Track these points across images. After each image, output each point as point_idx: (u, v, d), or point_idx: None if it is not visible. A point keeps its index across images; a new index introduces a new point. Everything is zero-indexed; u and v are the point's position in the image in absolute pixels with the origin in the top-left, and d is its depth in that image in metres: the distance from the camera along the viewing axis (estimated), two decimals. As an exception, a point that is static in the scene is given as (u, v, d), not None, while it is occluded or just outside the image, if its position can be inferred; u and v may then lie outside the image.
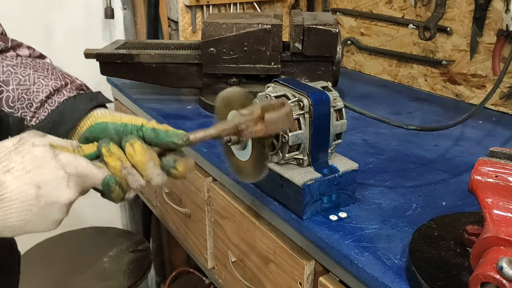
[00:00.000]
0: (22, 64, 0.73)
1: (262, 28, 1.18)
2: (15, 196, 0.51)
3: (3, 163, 0.51)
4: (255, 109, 0.65)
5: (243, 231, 0.99)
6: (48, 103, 0.70)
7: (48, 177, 0.53)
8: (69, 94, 0.71)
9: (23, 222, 0.52)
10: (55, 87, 0.71)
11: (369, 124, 1.17)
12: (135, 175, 0.59)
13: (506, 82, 1.24)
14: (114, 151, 0.58)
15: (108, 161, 0.58)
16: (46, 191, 0.52)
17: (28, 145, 0.53)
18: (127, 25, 1.90)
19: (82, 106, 0.68)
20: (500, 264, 0.51)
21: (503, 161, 0.59)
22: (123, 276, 1.58)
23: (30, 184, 0.52)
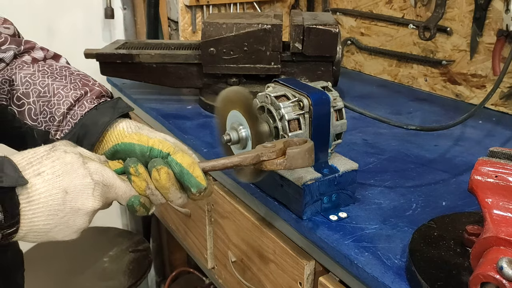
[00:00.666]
0: (39, 73, 0.74)
1: (262, 28, 1.18)
2: (43, 199, 0.52)
3: (34, 167, 0.53)
4: (277, 143, 0.67)
5: (243, 231, 0.99)
6: (71, 115, 0.70)
7: (76, 182, 0.54)
8: (90, 105, 0.71)
9: (48, 227, 0.54)
10: (75, 97, 0.71)
11: (369, 124, 1.17)
12: (157, 196, 0.61)
13: (506, 82, 1.24)
14: (141, 172, 0.60)
15: (135, 180, 0.60)
16: (73, 197, 0.54)
17: (59, 152, 0.55)
18: (127, 25, 1.90)
19: (103, 119, 0.68)
20: (500, 264, 0.51)
21: (503, 161, 0.59)
22: (123, 276, 1.58)
23: (59, 188, 0.53)
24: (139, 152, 0.64)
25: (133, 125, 0.69)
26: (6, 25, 0.79)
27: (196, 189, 0.61)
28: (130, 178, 0.60)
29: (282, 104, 0.76)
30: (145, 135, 0.65)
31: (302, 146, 0.67)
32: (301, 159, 0.66)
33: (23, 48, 0.76)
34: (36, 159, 0.54)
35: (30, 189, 0.52)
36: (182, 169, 0.61)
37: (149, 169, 0.60)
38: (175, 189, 0.61)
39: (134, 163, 0.60)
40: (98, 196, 0.56)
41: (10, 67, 0.74)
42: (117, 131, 0.68)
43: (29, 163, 0.53)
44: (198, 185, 0.61)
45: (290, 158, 0.66)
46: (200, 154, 1.09)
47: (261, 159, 0.65)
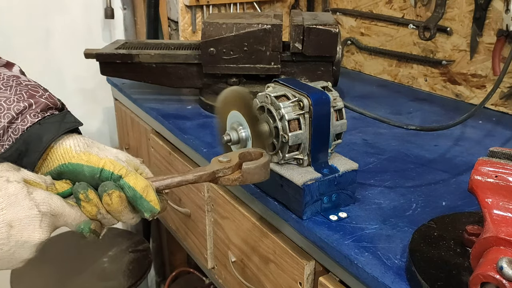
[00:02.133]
0: None
1: (262, 28, 1.18)
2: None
3: None
4: (233, 157, 0.66)
5: (243, 231, 0.99)
6: (12, 130, 0.64)
7: (20, 215, 0.52)
8: (33, 119, 0.65)
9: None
10: (18, 110, 0.65)
11: (369, 124, 1.17)
12: (109, 219, 0.59)
13: (506, 82, 1.24)
14: (91, 197, 0.57)
15: (85, 205, 0.57)
16: (18, 231, 0.51)
17: (2, 181, 0.52)
18: (127, 25, 1.90)
19: (46, 136, 0.63)
20: (500, 264, 0.51)
21: (503, 161, 0.59)
22: (123, 276, 1.58)
23: (2, 222, 0.50)
24: (88, 174, 0.60)
25: (81, 143, 0.64)
26: None
27: (149, 213, 0.60)
28: (80, 203, 0.57)
29: (282, 104, 0.76)
30: (95, 155, 0.62)
31: (258, 161, 0.66)
32: (257, 174, 0.66)
33: None
34: None
35: None
36: (135, 193, 0.59)
37: (99, 193, 0.58)
38: (127, 211, 0.59)
39: (84, 188, 0.57)
40: (45, 227, 0.53)
41: None
42: (63, 148, 0.63)
43: None
44: (152, 209, 0.60)
45: (245, 174, 0.65)
46: (200, 154, 1.09)
47: (216, 176, 0.65)
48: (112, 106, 1.76)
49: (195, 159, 1.16)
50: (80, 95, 1.86)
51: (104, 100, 1.88)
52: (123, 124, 1.65)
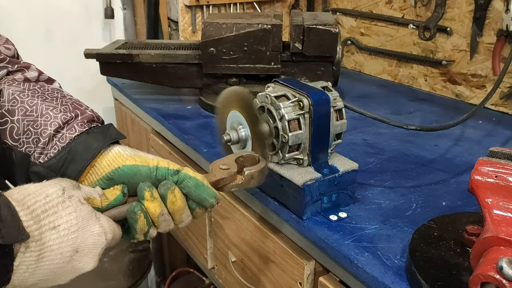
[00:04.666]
0: (29, 91, 0.69)
1: (262, 28, 1.18)
2: (53, 256, 0.48)
3: (50, 218, 0.48)
4: (231, 164, 0.66)
5: (243, 231, 0.99)
6: (58, 138, 0.65)
7: (89, 241, 0.51)
8: (81, 129, 0.66)
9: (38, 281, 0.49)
10: (64, 119, 0.66)
11: (369, 124, 1.17)
12: (168, 221, 0.59)
13: (506, 82, 1.24)
14: (156, 196, 0.57)
15: (149, 206, 0.57)
16: (80, 256, 0.51)
17: (75, 201, 0.51)
18: (127, 25, 1.90)
19: (96, 144, 0.64)
20: (500, 264, 0.51)
21: (503, 161, 0.59)
22: (123, 276, 1.58)
23: (71, 246, 0.49)
24: (144, 174, 0.61)
25: (128, 148, 0.65)
26: (7, 45, 0.76)
27: (213, 199, 0.60)
28: (143, 203, 0.57)
29: (282, 104, 0.76)
30: (144, 155, 0.63)
31: (258, 166, 0.67)
32: (257, 178, 0.67)
33: (17, 67, 0.73)
34: (51, 207, 0.49)
35: (43, 245, 0.47)
36: (197, 181, 0.60)
37: (162, 192, 0.58)
38: (187, 209, 0.60)
39: (150, 187, 0.57)
40: (100, 255, 0.53)
41: None
42: (112, 154, 0.63)
43: (44, 212, 0.48)
44: (215, 195, 0.61)
45: (247, 179, 0.66)
46: (200, 154, 1.09)
47: (222, 185, 0.65)
48: (112, 106, 1.76)
49: (195, 159, 1.16)
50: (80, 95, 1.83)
51: (104, 100, 1.88)
52: (123, 124, 1.65)
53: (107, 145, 0.65)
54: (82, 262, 0.51)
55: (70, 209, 0.50)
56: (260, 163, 0.68)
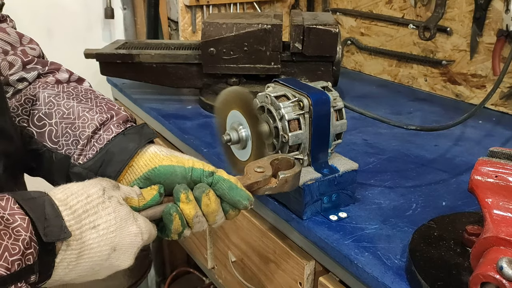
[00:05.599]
0: (64, 94, 0.70)
1: (262, 28, 1.18)
2: (92, 254, 0.50)
3: (90, 217, 0.50)
4: (266, 166, 0.66)
5: (243, 231, 0.99)
6: (96, 139, 0.67)
7: (126, 241, 0.53)
8: (117, 129, 0.67)
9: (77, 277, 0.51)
10: (101, 120, 0.68)
11: (369, 124, 1.17)
12: (202, 222, 0.60)
13: (506, 82, 1.24)
14: (192, 199, 0.58)
15: (184, 208, 0.58)
16: (117, 255, 0.52)
17: (114, 202, 0.53)
18: (127, 25, 1.90)
19: (132, 145, 0.65)
20: (500, 264, 0.51)
21: (503, 161, 0.59)
22: (123, 276, 1.58)
23: (109, 245, 0.51)
24: (180, 174, 0.61)
25: (164, 148, 0.66)
26: (31, 45, 0.77)
27: (247, 201, 0.61)
28: (179, 205, 0.58)
29: (282, 104, 0.76)
30: (180, 156, 0.64)
31: (293, 170, 0.67)
32: (291, 182, 0.67)
33: (48, 69, 0.74)
34: (92, 207, 0.50)
35: (83, 244, 0.49)
36: (231, 184, 0.60)
37: (197, 195, 0.59)
38: (221, 210, 0.61)
39: (185, 189, 0.58)
40: (136, 254, 0.55)
41: (33, 86, 0.72)
42: (148, 155, 0.65)
43: (85, 211, 0.50)
44: (249, 196, 0.61)
45: (281, 183, 0.66)
46: (200, 154, 1.09)
47: (256, 188, 0.65)
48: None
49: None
50: (80, 95, 1.85)
51: (104, 100, 1.88)
52: (123, 124, 1.65)
53: (143, 145, 0.66)
54: (119, 260, 0.53)
55: (109, 210, 0.52)
56: (295, 167, 0.68)
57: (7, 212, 0.44)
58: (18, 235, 0.43)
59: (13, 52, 0.73)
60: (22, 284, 0.44)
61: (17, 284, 0.44)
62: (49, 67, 0.75)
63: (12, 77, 0.71)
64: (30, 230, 0.44)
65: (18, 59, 0.72)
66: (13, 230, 0.43)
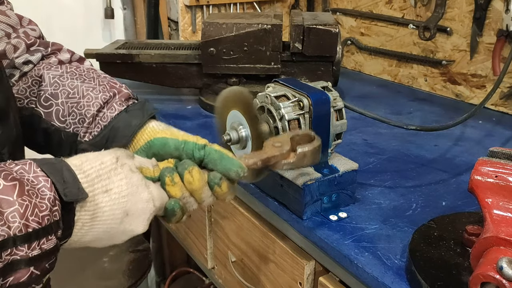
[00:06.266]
0: (68, 74, 0.73)
1: (262, 28, 1.18)
2: (105, 217, 0.52)
3: (103, 182, 0.52)
4: (284, 142, 0.65)
5: (243, 231, 0.99)
6: (100, 117, 0.70)
7: (138, 206, 0.54)
8: (120, 107, 0.71)
9: (94, 240, 0.53)
10: (104, 99, 0.71)
11: (369, 124, 1.17)
12: (191, 202, 0.61)
13: (506, 82, 1.24)
14: (176, 181, 0.59)
15: (170, 190, 0.59)
16: (130, 219, 0.54)
17: (126, 169, 0.55)
18: (127, 25, 1.90)
19: (134, 121, 0.69)
20: (500, 264, 0.51)
21: (503, 161, 0.59)
22: (123, 276, 1.58)
23: (122, 209, 0.53)
24: (173, 146, 0.64)
25: (162, 124, 0.70)
26: (31, 26, 0.78)
27: (240, 168, 0.60)
28: (164, 187, 0.59)
29: (282, 104, 0.76)
30: (176, 130, 0.67)
31: (311, 144, 0.66)
32: (310, 157, 0.66)
33: (50, 50, 0.76)
34: (105, 173, 0.53)
35: (96, 206, 0.51)
36: (222, 154, 0.61)
37: (180, 172, 0.59)
38: (207, 188, 0.61)
39: (170, 172, 0.59)
40: (149, 220, 0.56)
41: (38, 68, 0.74)
42: (148, 130, 0.68)
43: (98, 176, 0.52)
44: (241, 165, 0.61)
45: (300, 157, 0.65)
46: (200, 154, 1.09)
47: (273, 162, 0.64)
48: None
49: (195, 159, 1.16)
50: (80, 95, 1.85)
51: (104, 100, 1.88)
52: (123, 124, 1.65)
53: (145, 121, 0.69)
54: (133, 225, 0.54)
55: (121, 176, 0.54)
56: (314, 141, 0.66)
57: (32, 175, 0.48)
58: (44, 195, 0.47)
59: (16, 34, 0.74)
60: (53, 236, 0.48)
61: (48, 237, 0.48)
62: (51, 48, 0.77)
63: (17, 60, 0.73)
64: (54, 190, 0.48)
65: (21, 42, 0.74)
66: (38, 190, 0.47)
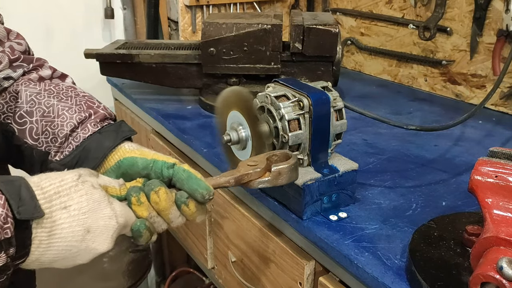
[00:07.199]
0: (45, 92, 0.73)
1: (262, 28, 1.18)
2: (64, 234, 0.51)
3: (62, 198, 0.52)
4: (260, 161, 0.66)
5: (243, 231, 0.99)
6: (73, 137, 0.70)
7: (99, 223, 0.54)
8: (94, 128, 0.70)
9: (55, 259, 0.52)
10: (79, 119, 0.71)
11: (369, 124, 1.17)
12: (159, 222, 0.61)
13: (506, 82, 1.24)
14: (143, 200, 0.59)
15: (136, 210, 0.59)
16: (92, 237, 0.53)
17: (88, 185, 0.54)
18: (127, 25, 1.90)
19: (107, 143, 0.68)
20: (500, 264, 0.51)
21: (503, 161, 0.59)
22: (123, 277, 1.58)
23: (82, 226, 0.52)
24: (141, 165, 0.64)
25: (134, 144, 0.69)
26: (18, 39, 0.77)
27: (206, 190, 0.61)
28: (131, 207, 0.59)
29: (282, 104, 0.76)
30: (147, 150, 0.66)
31: (287, 162, 0.66)
32: (286, 174, 0.66)
33: (32, 66, 0.76)
34: (65, 189, 0.52)
35: (54, 223, 0.50)
36: (190, 174, 0.61)
37: (146, 192, 0.59)
38: (175, 209, 0.61)
39: (136, 192, 0.59)
40: (114, 238, 0.56)
41: (17, 83, 0.74)
42: (120, 151, 0.68)
43: (57, 193, 0.52)
44: (208, 187, 0.61)
45: (275, 175, 0.65)
46: (200, 154, 1.09)
47: (246, 180, 0.65)
48: (112, 106, 1.75)
49: (195, 159, 1.16)
50: (80, 95, 1.85)
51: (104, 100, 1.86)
52: (123, 124, 1.65)
53: (118, 143, 0.68)
54: (95, 242, 0.54)
55: (81, 192, 0.53)
56: (290, 159, 0.67)
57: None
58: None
59: (1, 48, 0.74)
60: (2, 254, 0.47)
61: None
62: (34, 64, 0.76)
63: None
64: (6, 207, 0.47)
65: (5, 56, 0.73)
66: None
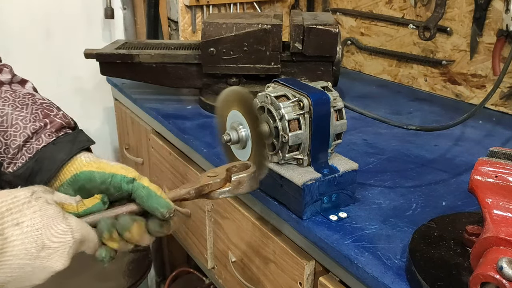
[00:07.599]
0: (0, 100, 0.70)
1: (262, 28, 1.18)
2: (16, 251, 0.49)
3: (14, 215, 0.50)
4: (220, 172, 0.67)
5: (243, 231, 0.99)
6: (26, 148, 0.67)
7: (54, 239, 0.52)
8: (48, 139, 0.67)
9: (7, 280, 0.50)
10: (33, 129, 0.67)
11: (369, 124, 1.17)
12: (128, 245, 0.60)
13: (506, 82, 1.24)
14: (115, 237, 0.58)
15: (109, 243, 0.59)
16: (46, 254, 0.51)
17: (41, 201, 0.52)
18: (127, 25, 1.90)
19: (61, 155, 0.65)
20: (500, 264, 0.51)
21: (503, 161, 0.59)
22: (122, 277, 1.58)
23: (35, 243, 0.50)
24: (99, 180, 0.62)
25: (91, 156, 0.66)
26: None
27: (166, 209, 0.60)
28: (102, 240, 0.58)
29: (282, 104, 0.76)
30: (105, 163, 0.64)
31: (246, 172, 0.67)
32: (246, 184, 0.67)
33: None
34: (17, 206, 0.50)
35: (5, 240, 0.48)
36: (150, 191, 0.60)
37: (120, 231, 0.58)
38: (147, 235, 0.60)
39: (108, 230, 0.58)
40: (71, 255, 0.54)
41: None
42: (76, 163, 0.65)
43: (9, 210, 0.50)
44: (168, 205, 0.60)
45: (235, 185, 0.66)
46: (200, 154, 1.09)
47: (206, 191, 0.65)
48: (112, 106, 1.76)
49: (195, 159, 1.16)
50: (80, 95, 1.85)
51: (104, 100, 1.88)
52: (123, 124, 1.65)
53: (74, 154, 0.66)
54: (50, 259, 0.52)
55: (35, 208, 0.51)
56: (249, 169, 0.68)
57: None
58: None
59: None
60: None
61: None
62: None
63: None
64: None
65: None
66: None
